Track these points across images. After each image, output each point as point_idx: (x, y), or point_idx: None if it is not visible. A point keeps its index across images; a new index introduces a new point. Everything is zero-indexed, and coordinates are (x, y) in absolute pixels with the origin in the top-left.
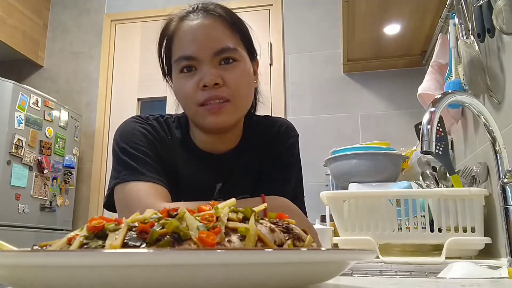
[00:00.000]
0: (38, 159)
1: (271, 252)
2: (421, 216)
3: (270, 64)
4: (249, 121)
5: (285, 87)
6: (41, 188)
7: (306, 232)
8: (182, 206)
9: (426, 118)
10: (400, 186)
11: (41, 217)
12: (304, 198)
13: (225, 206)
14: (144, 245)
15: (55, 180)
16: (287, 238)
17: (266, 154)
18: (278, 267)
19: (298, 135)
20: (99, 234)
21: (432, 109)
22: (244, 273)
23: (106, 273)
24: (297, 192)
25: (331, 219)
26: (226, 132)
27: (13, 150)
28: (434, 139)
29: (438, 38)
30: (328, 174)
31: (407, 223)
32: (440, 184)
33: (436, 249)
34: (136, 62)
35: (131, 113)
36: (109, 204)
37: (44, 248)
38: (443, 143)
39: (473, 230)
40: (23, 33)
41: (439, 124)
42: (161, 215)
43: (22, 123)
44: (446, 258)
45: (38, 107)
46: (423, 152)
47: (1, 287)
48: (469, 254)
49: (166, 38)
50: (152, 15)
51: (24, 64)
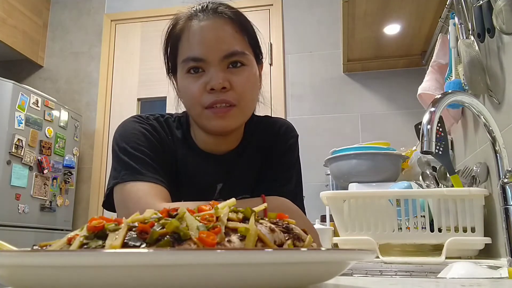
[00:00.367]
0: (38, 159)
1: (271, 252)
2: (421, 216)
3: (270, 64)
4: (250, 122)
5: (285, 87)
6: (41, 188)
7: (306, 232)
8: (182, 206)
9: (426, 118)
10: (400, 186)
11: (41, 217)
12: (304, 198)
13: (225, 206)
14: (144, 245)
15: (55, 180)
16: (287, 238)
17: (266, 155)
18: (278, 267)
19: (298, 136)
20: (99, 234)
21: (432, 109)
22: (244, 273)
23: (106, 273)
24: (297, 192)
25: (331, 219)
26: (228, 134)
27: (13, 150)
28: (434, 139)
29: (438, 38)
30: (328, 174)
31: (407, 223)
32: (440, 184)
33: (436, 249)
34: (136, 62)
35: (131, 113)
36: (108, 204)
37: (44, 248)
38: (443, 143)
39: (473, 230)
40: (23, 33)
41: (439, 124)
42: (161, 215)
43: (22, 123)
44: (446, 258)
45: (38, 107)
46: (423, 152)
47: (1, 287)
48: (469, 254)
49: (173, 36)
50: (152, 15)
51: (24, 64)
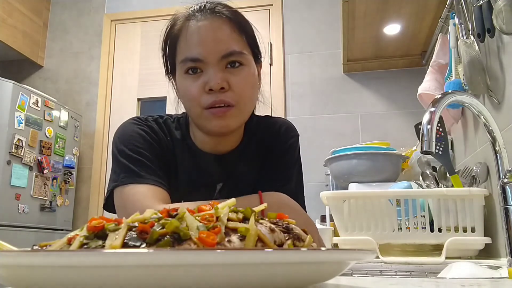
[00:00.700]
0: (38, 159)
1: (271, 252)
2: (421, 216)
3: (270, 64)
4: (250, 122)
5: (285, 87)
6: (41, 188)
7: (306, 232)
8: (182, 207)
9: (426, 118)
10: (400, 186)
11: (41, 217)
12: (305, 198)
13: (225, 206)
14: (144, 245)
15: (55, 180)
16: (287, 238)
17: (267, 154)
18: (278, 267)
19: (299, 135)
20: (99, 234)
21: (432, 109)
22: (244, 273)
23: (106, 273)
24: (298, 192)
25: (331, 219)
26: (228, 135)
27: (13, 150)
28: (434, 139)
29: (438, 38)
30: (328, 174)
31: (407, 223)
32: (440, 184)
33: (436, 249)
34: (136, 62)
35: (131, 113)
36: (109, 206)
37: (44, 248)
38: (443, 143)
39: (473, 230)
40: (23, 33)
41: (439, 124)
42: (161, 215)
43: (22, 123)
44: (446, 258)
45: (38, 107)
46: (423, 152)
47: (1, 287)
48: (469, 254)
49: (172, 36)
50: (152, 15)
51: (24, 64)
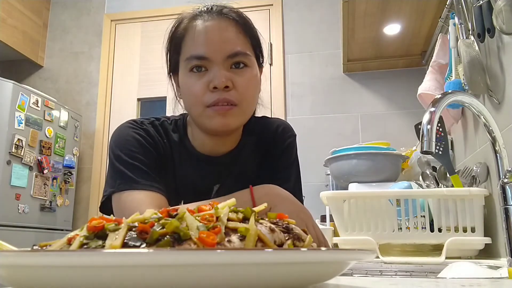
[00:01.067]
0: (38, 159)
1: (271, 252)
2: (421, 216)
3: (270, 64)
4: (248, 123)
5: (285, 87)
6: (41, 188)
7: (306, 232)
8: (182, 207)
9: (426, 118)
10: (400, 186)
11: (41, 217)
12: (303, 198)
13: (225, 206)
14: (144, 245)
15: (55, 180)
16: (287, 238)
17: (264, 155)
18: (278, 267)
19: (296, 135)
20: (99, 234)
21: (432, 109)
22: (244, 273)
23: (106, 273)
24: (296, 192)
25: (331, 219)
26: (227, 135)
27: (13, 150)
28: (434, 139)
29: (438, 38)
30: (328, 174)
31: (407, 223)
32: (440, 184)
33: (436, 249)
34: (136, 62)
35: (131, 113)
36: (105, 209)
37: (44, 248)
38: (443, 143)
39: (473, 230)
40: (23, 33)
41: (439, 124)
42: (161, 215)
43: (22, 123)
44: (446, 258)
45: (38, 107)
46: (423, 152)
47: (1, 287)
48: (469, 254)
49: (177, 35)
50: (152, 15)
51: (24, 64)
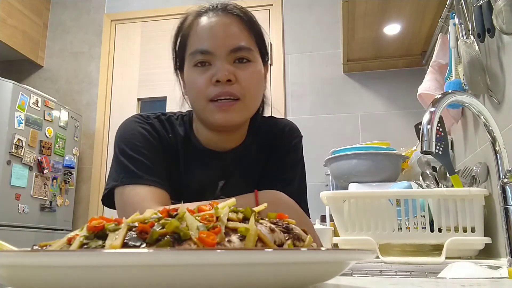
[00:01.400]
0: (38, 159)
1: (271, 252)
2: (421, 216)
3: (270, 64)
4: (254, 121)
5: (285, 87)
6: (41, 188)
7: (306, 232)
8: (182, 207)
9: (426, 118)
10: (400, 186)
11: (41, 217)
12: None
13: (225, 206)
14: (144, 245)
15: (55, 180)
16: (287, 238)
17: (270, 154)
18: (278, 267)
19: (302, 136)
20: (99, 234)
21: (432, 109)
22: (244, 273)
23: (106, 273)
24: (300, 193)
25: (331, 219)
26: (232, 131)
27: (13, 150)
28: (434, 139)
29: (438, 38)
30: (328, 174)
31: (407, 223)
32: (440, 184)
33: (436, 249)
34: (136, 62)
35: (131, 113)
36: (107, 200)
37: (44, 248)
38: (443, 143)
39: (473, 230)
40: (23, 33)
41: (439, 124)
42: (161, 215)
43: (22, 123)
44: (446, 258)
45: (38, 107)
46: (423, 152)
47: (1, 287)
48: (469, 254)
49: (182, 32)
50: (152, 15)
51: (24, 64)
